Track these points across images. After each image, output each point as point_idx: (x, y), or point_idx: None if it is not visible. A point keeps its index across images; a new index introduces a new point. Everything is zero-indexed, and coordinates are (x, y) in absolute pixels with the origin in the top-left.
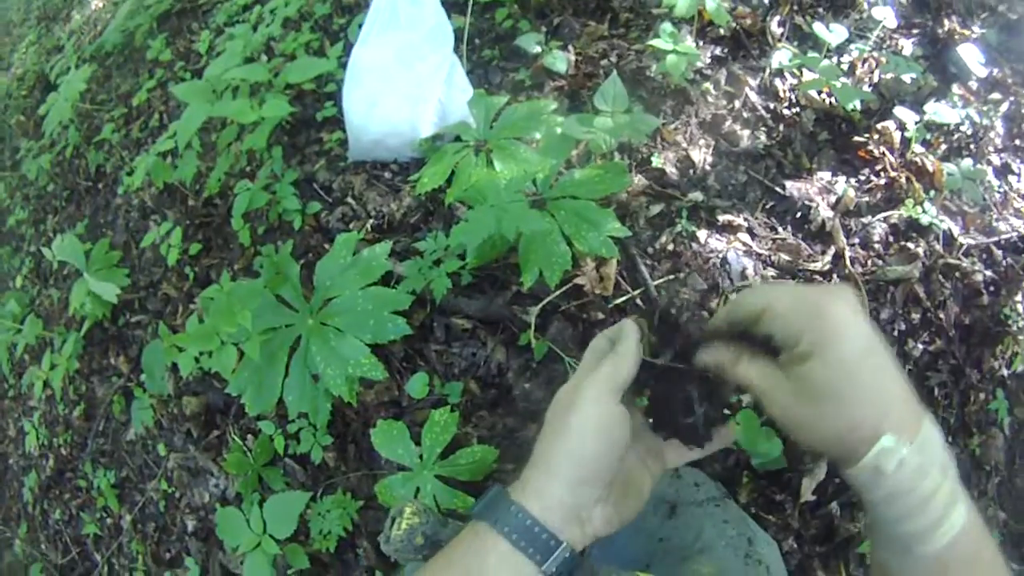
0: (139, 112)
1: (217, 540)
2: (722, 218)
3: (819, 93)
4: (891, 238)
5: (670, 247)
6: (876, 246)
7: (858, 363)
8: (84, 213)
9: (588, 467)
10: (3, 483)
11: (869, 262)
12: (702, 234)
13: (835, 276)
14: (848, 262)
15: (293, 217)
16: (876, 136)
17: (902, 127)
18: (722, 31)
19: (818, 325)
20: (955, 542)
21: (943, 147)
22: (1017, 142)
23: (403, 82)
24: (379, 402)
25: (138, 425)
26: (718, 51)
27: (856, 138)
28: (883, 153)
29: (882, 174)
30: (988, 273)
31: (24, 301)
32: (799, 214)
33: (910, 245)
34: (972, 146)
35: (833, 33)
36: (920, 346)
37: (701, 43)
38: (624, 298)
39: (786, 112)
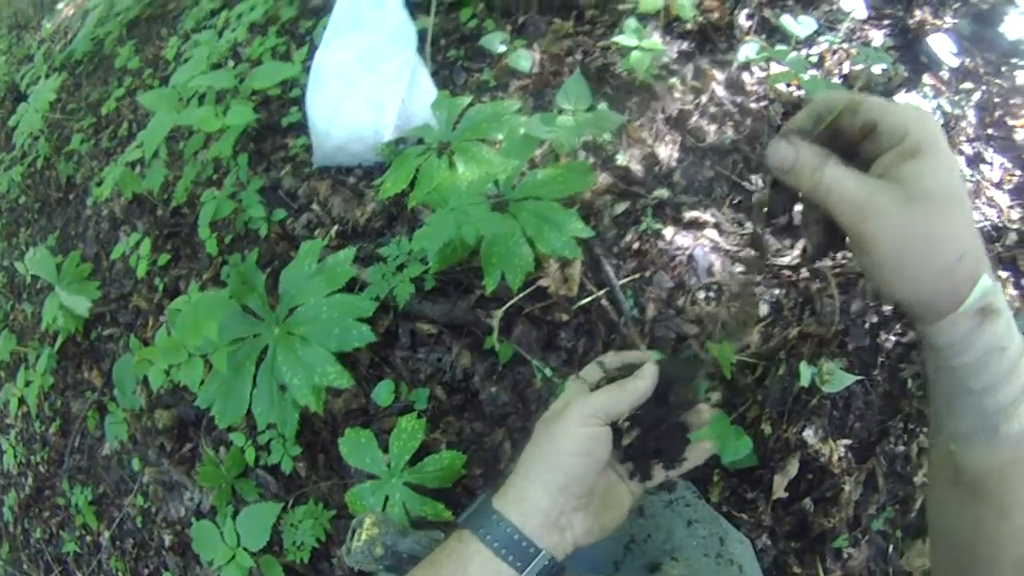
0: (108, 121)
1: (194, 554)
2: (688, 215)
3: (787, 86)
4: None
5: (636, 245)
6: (847, 239)
7: (960, 177)
8: (55, 225)
9: (568, 476)
10: None
11: (839, 254)
12: (668, 231)
13: (804, 270)
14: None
15: (259, 225)
16: None
17: None
18: (689, 25)
19: (927, 122)
20: None
21: None
22: (990, 131)
23: (366, 85)
24: (347, 410)
25: (112, 440)
26: (685, 46)
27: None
28: None
29: None
30: None
31: None
32: (767, 209)
33: None
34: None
35: (801, 25)
36: (892, 338)
37: (668, 38)
38: (589, 299)
39: (753, 106)
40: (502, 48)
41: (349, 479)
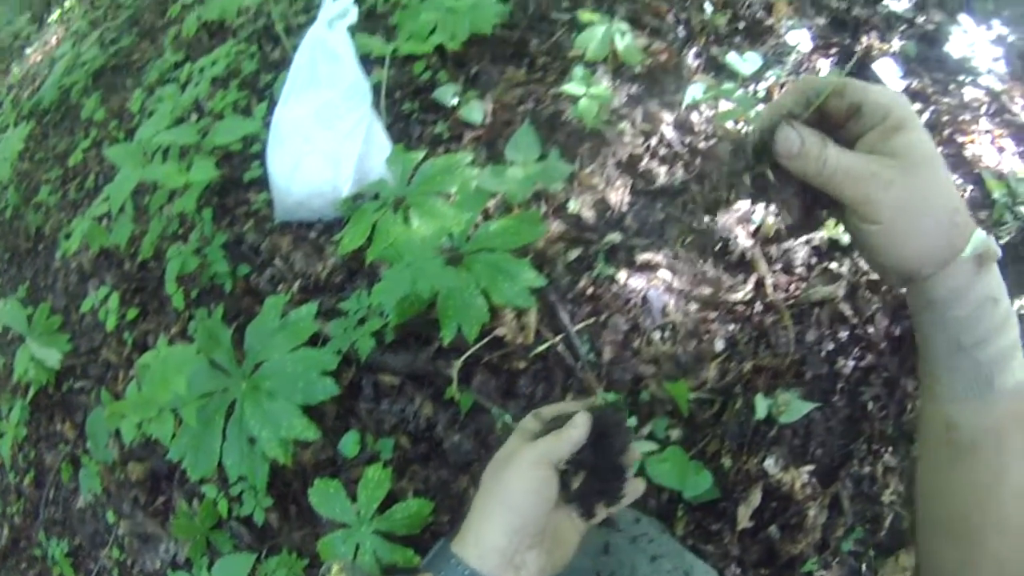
0: (75, 172)
1: None
2: (641, 257)
3: (735, 123)
4: (814, 260)
5: (590, 291)
6: (799, 270)
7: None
8: (25, 276)
9: (523, 517)
10: None
11: (792, 286)
12: (621, 275)
13: (758, 304)
14: (771, 288)
15: (224, 280)
16: None
17: None
18: (638, 69)
19: (904, 100)
20: None
21: None
22: (940, 149)
23: (323, 142)
24: (316, 461)
25: (87, 492)
26: (634, 89)
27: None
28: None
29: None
30: None
31: None
32: (718, 246)
33: (833, 265)
34: None
35: (747, 62)
36: (851, 363)
37: (617, 82)
38: (545, 345)
39: (702, 145)
40: (454, 100)
41: (320, 528)
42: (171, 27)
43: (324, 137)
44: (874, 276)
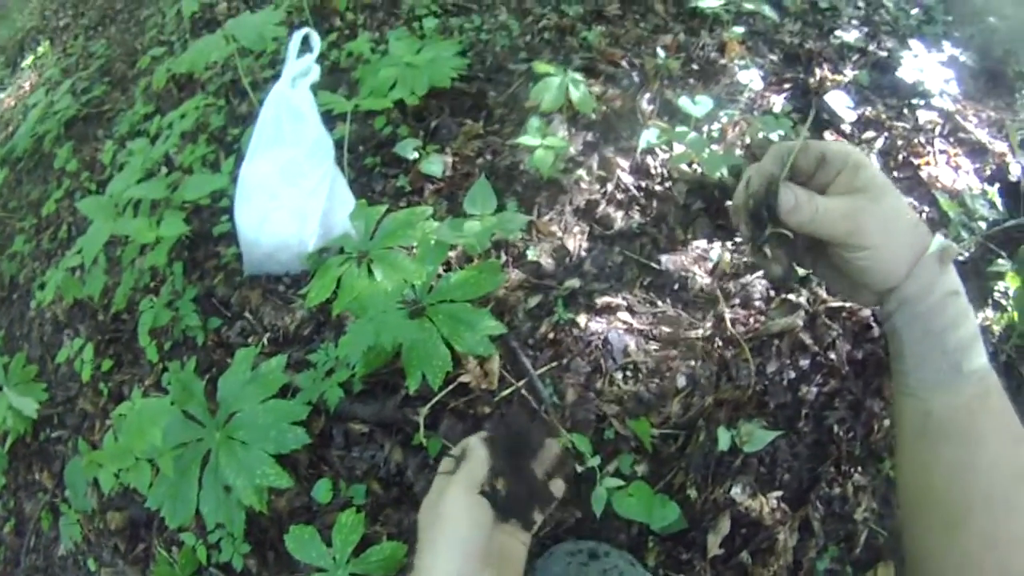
0: (48, 222)
1: None
2: (600, 300)
3: (689, 165)
4: (772, 293)
5: (551, 335)
6: (757, 303)
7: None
8: (1, 325)
9: (465, 543)
10: None
11: (751, 319)
12: (582, 319)
13: (717, 339)
14: (729, 324)
15: (196, 333)
16: None
17: None
18: (594, 116)
19: (852, 147)
20: (988, 370)
21: None
22: (896, 174)
23: (288, 198)
24: (291, 508)
25: (67, 541)
26: (590, 136)
27: (729, 202)
28: None
29: None
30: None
31: None
32: (677, 285)
33: (791, 296)
34: None
35: (698, 105)
36: (814, 389)
37: (573, 130)
38: (509, 390)
39: (658, 188)
40: (415, 154)
41: (298, 573)
42: (141, 78)
43: (289, 193)
44: (834, 303)
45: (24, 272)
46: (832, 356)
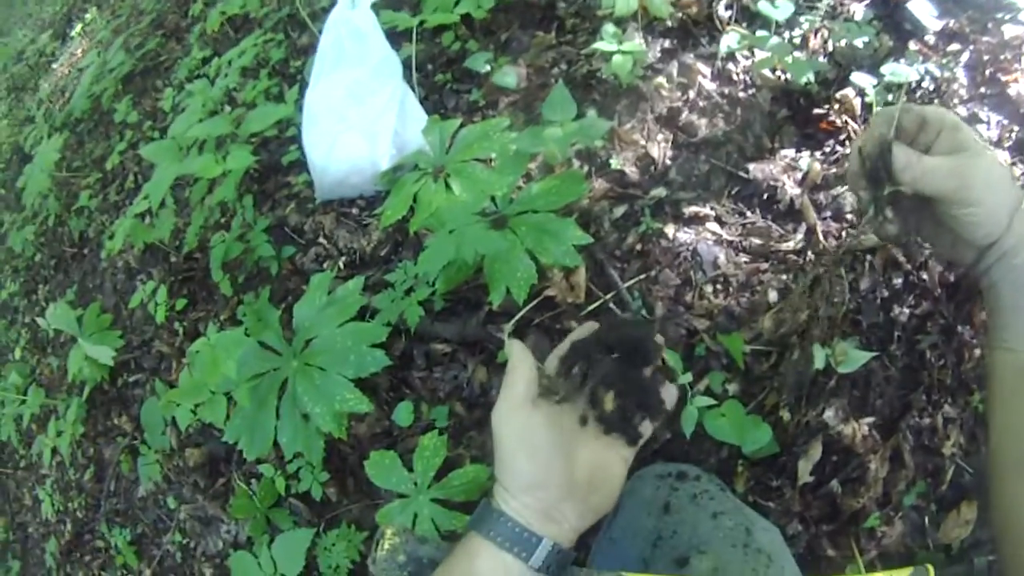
0: (114, 175)
1: None
2: (688, 210)
3: (773, 71)
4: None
5: (638, 246)
6: (849, 216)
7: None
8: (72, 279)
9: (527, 475)
10: (26, 551)
11: (843, 233)
12: (669, 229)
13: (809, 252)
14: (821, 236)
15: (270, 263)
16: (836, 106)
17: (861, 93)
18: (669, 23)
19: (949, 115)
20: None
21: None
22: (982, 90)
23: (357, 119)
24: (371, 434)
25: (147, 481)
26: (667, 44)
27: (816, 110)
28: (845, 122)
29: (847, 143)
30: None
31: (25, 372)
32: (766, 196)
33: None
34: (936, 100)
35: (779, 9)
36: (906, 311)
37: (649, 38)
38: (597, 303)
39: (742, 95)
40: (487, 67)
41: (379, 499)
42: (195, 25)
43: (358, 114)
44: None
45: (92, 226)
46: (924, 277)
